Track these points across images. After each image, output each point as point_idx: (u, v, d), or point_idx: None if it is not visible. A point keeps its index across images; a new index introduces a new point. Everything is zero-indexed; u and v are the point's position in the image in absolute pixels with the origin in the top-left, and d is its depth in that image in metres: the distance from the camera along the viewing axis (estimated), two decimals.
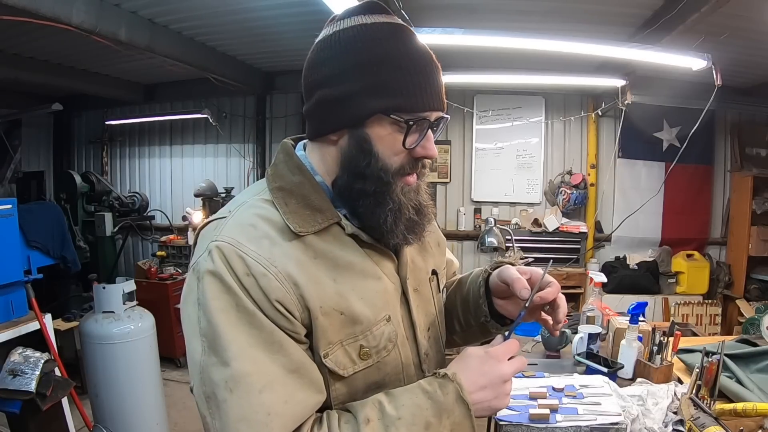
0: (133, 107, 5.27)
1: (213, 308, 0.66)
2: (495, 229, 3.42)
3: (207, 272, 0.67)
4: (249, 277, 0.67)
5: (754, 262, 4.21)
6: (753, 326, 3.09)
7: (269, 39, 3.63)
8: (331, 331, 0.72)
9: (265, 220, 0.72)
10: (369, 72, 0.70)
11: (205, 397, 0.66)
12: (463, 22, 3.07)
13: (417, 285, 0.86)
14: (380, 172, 0.72)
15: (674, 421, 1.29)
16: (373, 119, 0.71)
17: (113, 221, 3.96)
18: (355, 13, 0.74)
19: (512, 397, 1.36)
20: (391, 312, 0.79)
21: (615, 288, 4.17)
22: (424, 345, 0.85)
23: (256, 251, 0.68)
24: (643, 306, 1.77)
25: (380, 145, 0.72)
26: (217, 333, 0.65)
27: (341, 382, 0.75)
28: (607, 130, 4.60)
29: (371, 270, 0.77)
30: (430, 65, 0.73)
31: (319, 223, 0.73)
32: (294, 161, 0.78)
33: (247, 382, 0.64)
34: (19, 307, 2.40)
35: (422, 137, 0.73)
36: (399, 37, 0.72)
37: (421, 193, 0.79)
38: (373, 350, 0.76)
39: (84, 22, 2.56)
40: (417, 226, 0.78)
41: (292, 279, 0.69)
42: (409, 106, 0.70)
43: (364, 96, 0.70)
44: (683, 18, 2.54)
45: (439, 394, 0.71)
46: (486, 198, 4.72)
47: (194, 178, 5.12)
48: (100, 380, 2.70)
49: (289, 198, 0.74)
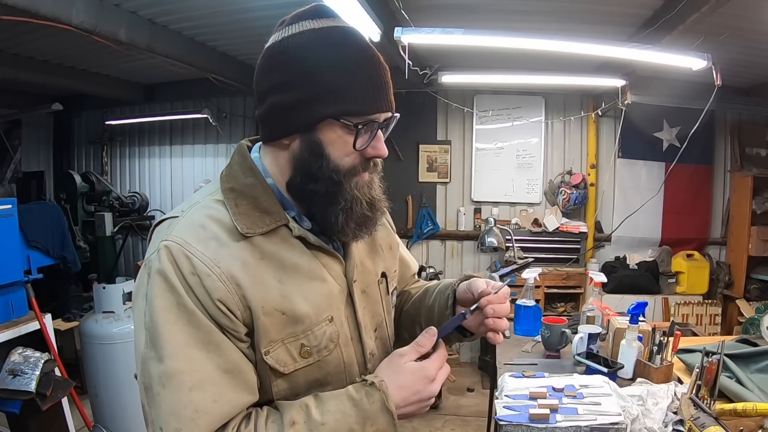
0: (133, 107, 5.27)
1: (156, 306, 0.69)
2: (495, 229, 3.43)
3: (156, 271, 0.71)
4: (194, 276, 0.70)
5: (754, 262, 4.21)
6: (753, 326, 3.10)
7: (269, 39, 3.63)
8: (273, 330, 0.75)
9: (214, 221, 0.74)
10: (318, 79, 0.72)
11: (144, 387, 0.71)
12: (463, 22, 3.07)
13: (365, 287, 0.88)
14: (332, 173, 0.75)
15: (674, 421, 1.29)
16: (324, 124, 0.74)
17: (113, 221, 3.97)
18: (303, 17, 0.76)
19: (512, 397, 1.37)
20: (334, 313, 0.81)
21: (615, 288, 4.16)
22: (370, 345, 0.87)
23: (202, 252, 0.71)
24: (643, 306, 1.77)
25: (331, 148, 0.75)
26: (156, 329, 0.69)
27: (282, 379, 0.77)
28: (607, 130, 4.60)
29: (317, 272, 0.80)
30: (377, 68, 0.76)
31: (267, 224, 0.76)
32: (247, 163, 0.81)
33: (179, 379, 0.68)
34: (19, 307, 2.40)
35: (372, 138, 0.76)
36: (346, 41, 0.75)
37: (374, 187, 0.81)
38: (314, 349, 0.78)
39: (84, 22, 2.56)
40: (369, 221, 0.80)
41: (235, 280, 0.72)
42: (357, 109, 0.73)
43: (314, 102, 0.73)
44: (683, 18, 2.54)
45: (365, 402, 0.73)
46: (486, 198, 4.72)
47: (194, 178, 5.12)
48: (100, 380, 2.71)
49: (240, 199, 0.77)
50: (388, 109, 0.77)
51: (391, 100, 0.78)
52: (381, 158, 0.80)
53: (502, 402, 1.33)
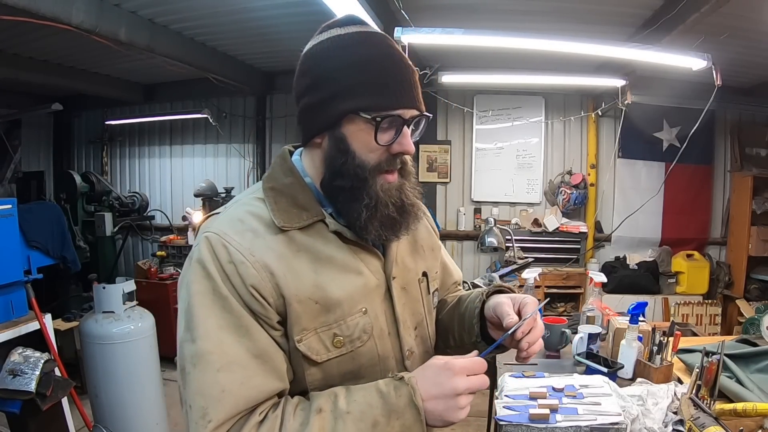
0: (133, 107, 5.28)
1: (193, 291, 0.74)
2: (495, 229, 3.43)
3: (195, 260, 0.76)
4: (230, 264, 0.74)
5: (754, 262, 4.21)
6: (753, 326, 3.09)
7: (269, 39, 3.64)
8: (305, 319, 0.77)
9: (253, 216, 0.79)
10: (339, 77, 0.77)
11: (180, 368, 0.74)
12: (463, 22, 3.07)
13: (405, 284, 0.90)
14: (357, 169, 0.78)
15: (674, 421, 1.29)
16: (346, 120, 0.77)
17: (113, 221, 3.97)
18: (332, 26, 0.81)
19: (512, 397, 1.37)
20: (368, 305, 0.82)
21: (615, 288, 4.16)
22: (409, 342, 0.89)
23: (239, 242, 0.75)
24: (643, 306, 1.76)
25: (356, 144, 0.78)
26: (192, 313, 0.73)
27: (316, 368, 0.79)
28: (607, 130, 4.60)
29: (352, 265, 0.82)
30: (399, 67, 0.79)
31: (304, 219, 0.80)
32: (287, 165, 0.85)
33: (208, 359, 0.71)
34: (19, 307, 2.40)
35: (398, 135, 0.78)
36: (367, 42, 0.78)
37: (404, 191, 0.83)
38: (347, 339, 0.80)
39: (84, 22, 2.56)
40: (396, 224, 0.82)
41: (269, 269, 0.75)
42: (376, 104, 0.76)
43: (337, 99, 0.76)
44: (683, 18, 2.54)
45: (392, 396, 0.74)
46: (486, 198, 4.72)
47: (194, 178, 5.12)
48: (100, 380, 2.70)
49: (279, 197, 0.81)
50: (413, 107, 0.79)
51: (417, 99, 0.80)
52: (408, 154, 0.81)
53: (502, 402, 1.33)
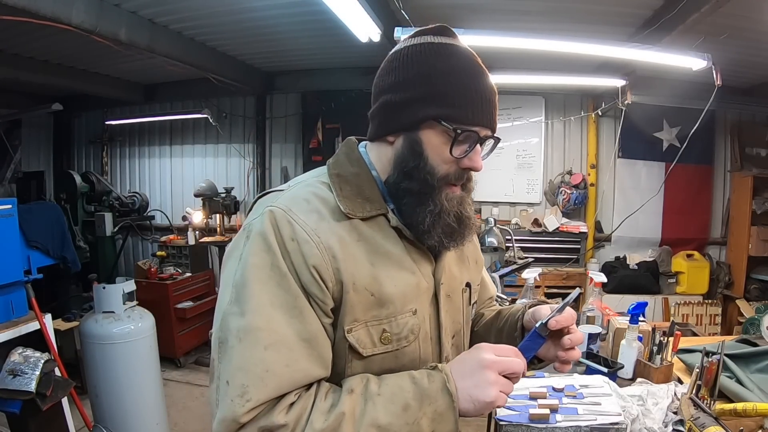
0: (133, 107, 5.27)
1: (250, 263, 0.73)
2: (495, 229, 3.42)
3: (257, 232, 0.74)
4: (293, 242, 0.73)
5: (754, 262, 4.21)
6: (753, 326, 3.09)
7: (269, 39, 3.63)
8: (359, 309, 0.77)
9: (319, 199, 0.79)
10: (428, 82, 0.77)
11: (219, 341, 0.72)
12: (463, 22, 3.07)
13: (450, 291, 0.90)
14: (427, 175, 0.79)
15: (674, 421, 1.29)
16: (426, 125, 0.78)
17: (113, 221, 3.97)
18: (426, 33, 0.82)
19: (512, 397, 1.37)
20: (418, 307, 0.83)
21: (615, 288, 4.17)
22: (447, 349, 0.88)
23: (304, 220, 0.75)
24: (643, 306, 1.77)
25: (430, 150, 0.79)
26: (245, 285, 0.72)
27: (359, 361, 0.78)
28: (607, 130, 4.60)
29: (408, 264, 0.82)
30: (486, 86, 0.79)
31: (368, 210, 0.80)
32: (355, 154, 0.86)
33: (256, 336, 0.69)
34: (19, 307, 2.40)
35: (470, 150, 0.79)
36: (460, 56, 0.79)
37: (464, 204, 0.84)
38: (395, 337, 0.80)
39: (84, 22, 2.56)
40: (456, 233, 0.83)
41: (332, 252, 0.75)
42: (459, 117, 0.77)
43: (421, 103, 0.77)
44: (683, 18, 2.54)
45: (425, 381, 0.74)
46: (486, 198, 4.72)
47: (194, 178, 5.12)
48: (100, 380, 2.70)
49: (345, 185, 0.81)
50: (489, 126, 0.80)
51: (493, 120, 0.80)
52: (476, 171, 0.82)
53: None
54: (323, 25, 3.06)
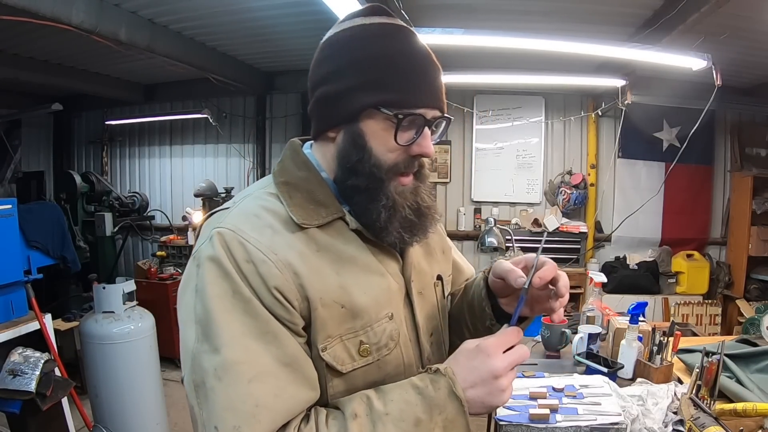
0: (133, 107, 5.27)
1: (209, 294, 0.66)
2: (495, 229, 3.42)
3: (207, 258, 0.67)
4: (249, 264, 0.67)
5: (754, 262, 4.21)
6: (753, 326, 3.09)
7: (269, 39, 3.63)
8: (331, 324, 0.71)
9: (269, 212, 0.72)
10: (362, 68, 0.71)
11: (194, 385, 0.65)
12: (463, 22, 3.07)
13: (421, 288, 0.85)
14: (373, 168, 0.73)
15: (674, 421, 1.29)
16: (365, 114, 0.72)
17: (113, 221, 3.96)
18: (357, 15, 0.76)
19: (512, 397, 1.37)
20: (394, 310, 0.78)
21: (615, 288, 4.17)
22: (427, 349, 0.84)
23: (257, 239, 0.68)
24: (643, 306, 1.77)
25: (374, 141, 0.73)
26: (211, 319, 0.65)
27: (339, 379, 0.73)
28: (607, 130, 4.60)
29: (375, 266, 0.77)
30: (426, 65, 0.74)
31: (323, 217, 0.74)
32: (300, 157, 0.79)
33: (237, 370, 0.63)
34: (19, 307, 2.40)
35: (418, 135, 0.73)
36: (395, 36, 0.74)
37: (420, 194, 0.78)
38: (374, 347, 0.75)
39: (84, 22, 2.56)
40: (416, 226, 0.77)
41: (293, 268, 0.68)
42: (400, 101, 0.71)
43: (357, 91, 0.71)
44: (683, 18, 2.54)
45: (430, 390, 0.68)
46: (486, 198, 4.72)
47: (194, 178, 5.12)
48: (100, 380, 2.71)
49: (294, 192, 0.75)
50: (436, 106, 0.74)
51: (440, 99, 0.75)
52: (427, 157, 0.77)
53: None
54: (323, 25, 3.02)
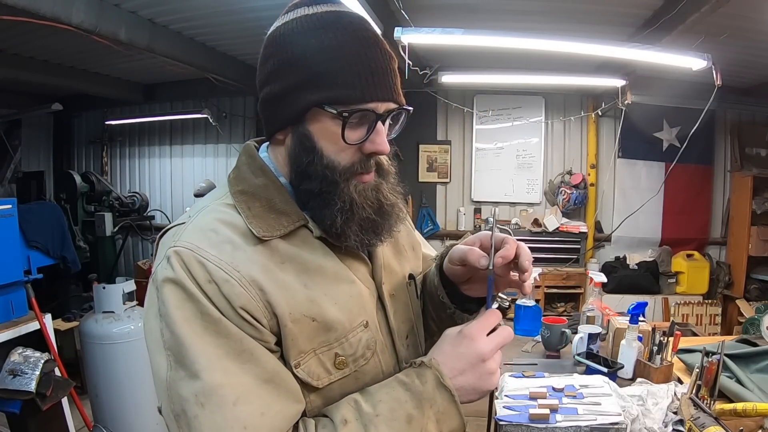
0: (133, 107, 5.28)
1: (176, 318, 0.61)
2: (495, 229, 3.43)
3: (166, 280, 0.63)
4: (211, 284, 0.62)
5: (754, 262, 4.21)
6: (753, 326, 3.09)
7: None
8: (303, 340, 0.67)
9: (226, 225, 0.67)
10: (303, 64, 0.66)
11: (174, 415, 0.61)
12: (463, 22, 3.06)
13: (393, 290, 0.81)
14: (325, 170, 0.68)
15: (674, 421, 1.29)
16: (311, 114, 0.67)
17: (113, 221, 3.97)
18: (300, 5, 0.70)
19: (512, 397, 1.37)
20: (368, 317, 0.74)
21: (615, 288, 4.17)
22: (403, 353, 0.80)
23: (217, 256, 0.64)
24: (643, 306, 1.77)
25: (323, 142, 0.68)
26: (182, 344, 0.61)
27: (315, 394, 0.70)
28: (607, 130, 4.60)
29: (344, 274, 0.73)
30: (373, 54, 0.67)
31: (285, 226, 0.69)
32: (257, 163, 0.74)
33: (220, 394, 0.60)
34: (19, 307, 2.40)
35: (370, 132, 0.68)
36: (337, 25, 0.67)
37: (382, 191, 0.73)
38: (350, 359, 0.71)
39: (84, 22, 2.56)
40: (378, 226, 0.73)
41: (258, 284, 0.64)
42: (345, 96, 0.65)
43: (300, 90, 0.66)
44: (683, 18, 2.54)
45: (417, 384, 0.67)
46: (486, 198, 4.72)
47: (194, 178, 5.12)
48: (100, 380, 2.70)
49: (252, 201, 0.70)
50: (390, 99, 0.68)
51: (394, 90, 0.69)
52: (382, 155, 0.71)
53: (502, 402, 1.33)
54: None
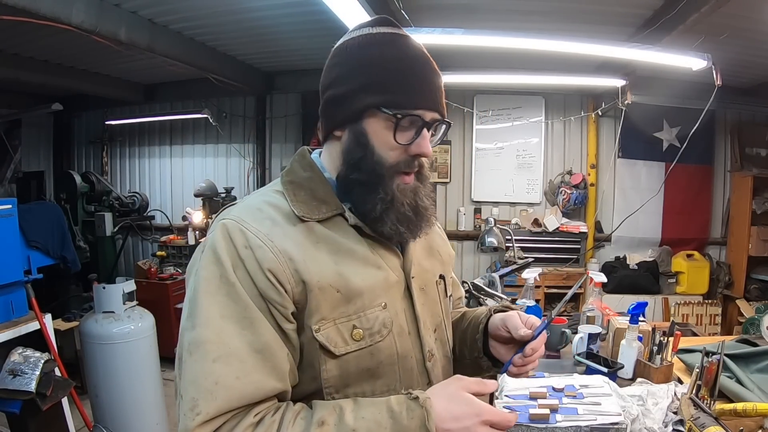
0: (133, 107, 5.27)
1: (200, 277, 0.72)
2: (495, 229, 3.42)
3: (209, 246, 0.75)
4: (247, 249, 0.73)
5: (754, 262, 4.21)
6: (753, 326, 3.10)
7: (269, 39, 3.63)
8: (325, 307, 0.75)
9: (272, 206, 0.79)
10: (366, 72, 0.78)
11: (177, 357, 0.72)
12: (463, 22, 3.07)
13: (423, 285, 0.89)
14: (375, 165, 0.78)
15: (674, 421, 1.29)
16: (368, 114, 0.78)
17: (113, 221, 3.96)
18: (365, 25, 0.82)
19: (512, 397, 1.37)
20: (388, 300, 0.81)
21: (615, 288, 4.17)
22: (429, 343, 0.87)
23: (257, 228, 0.75)
24: (643, 306, 1.76)
25: (376, 140, 0.78)
26: (196, 299, 0.71)
27: (333, 362, 0.76)
28: (607, 130, 4.60)
29: (372, 259, 0.81)
30: (426, 70, 0.80)
31: (323, 212, 0.79)
32: (306, 160, 0.86)
33: (205, 348, 0.68)
34: (19, 307, 2.40)
35: (417, 135, 0.78)
36: (397, 43, 0.80)
37: (419, 194, 0.83)
38: (366, 332, 0.78)
39: (84, 22, 2.56)
40: (411, 222, 0.81)
41: (288, 254, 0.74)
42: (399, 102, 0.76)
43: (361, 93, 0.77)
44: (683, 18, 2.54)
45: (404, 417, 0.69)
46: (486, 198, 4.72)
47: (194, 178, 5.12)
48: (100, 380, 2.71)
49: (298, 190, 0.81)
50: (434, 109, 0.79)
51: (438, 102, 0.80)
52: (425, 157, 0.81)
53: (502, 402, 1.33)
54: (323, 25, 3.06)
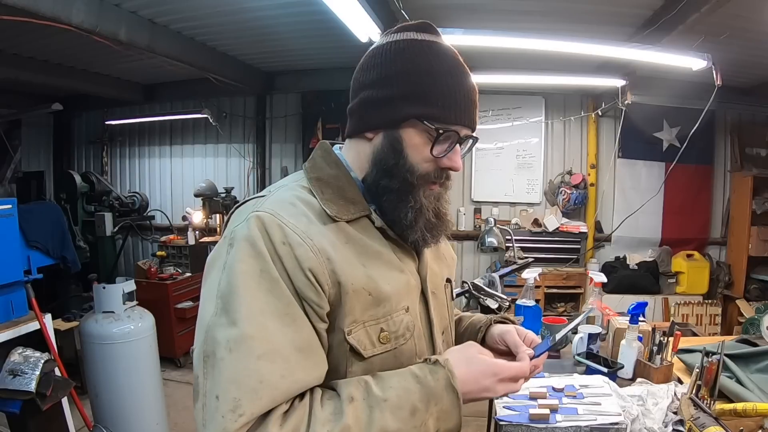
0: (133, 107, 5.27)
1: (237, 270, 0.69)
2: (495, 229, 3.42)
3: (242, 238, 0.71)
4: (285, 246, 0.70)
5: (754, 262, 4.21)
6: (753, 326, 3.10)
7: (269, 39, 3.63)
8: (358, 310, 0.74)
9: (303, 202, 0.77)
10: (411, 81, 0.77)
11: (204, 356, 0.67)
12: (463, 22, 3.07)
13: (434, 288, 0.90)
14: (407, 173, 0.78)
15: (674, 421, 1.29)
16: (408, 123, 0.77)
17: (113, 221, 3.95)
18: (409, 29, 0.82)
19: (512, 397, 1.37)
20: (410, 304, 0.82)
21: (615, 288, 4.17)
22: (439, 346, 0.88)
23: (294, 224, 0.72)
24: (643, 306, 1.76)
25: (411, 149, 0.78)
26: (233, 294, 0.67)
27: (359, 364, 0.76)
28: (607, 130, 4.60)
29: (396, 262, 0.82)
30: (468, 87, 0.80)
31: (352, 213, 0.79)
32: (332, 157, 0.85)
33: (249, 345, 0.65)
34: (19, 307, 2.40)
35: (450, 149, 0.79)
36: (444, 55, 0.80)
37: (441, 201, 0.84)
38: (393, 335, 0.78)
39: (84, 22, 2.56)
40: (436, 228, 0.83)
41: (326, 254, 0.72)
42: (441, 116, 0.77)
43: (403, 101, 0.77)
44: (683, 18, 2.54)
45: (429, 380, 0.72)
46: (486, 198, 4.72)
47: (194, 178, 5.12)
48: (100, 380, 2.70)
49: (326, 188, 0.80)
50: (470, 126, 0.80)
51: (474, 120, 0.81)
52: (455, 171, 0.82)
53: (502, 402, 1.33)
54: (323, 25, 3.06)
